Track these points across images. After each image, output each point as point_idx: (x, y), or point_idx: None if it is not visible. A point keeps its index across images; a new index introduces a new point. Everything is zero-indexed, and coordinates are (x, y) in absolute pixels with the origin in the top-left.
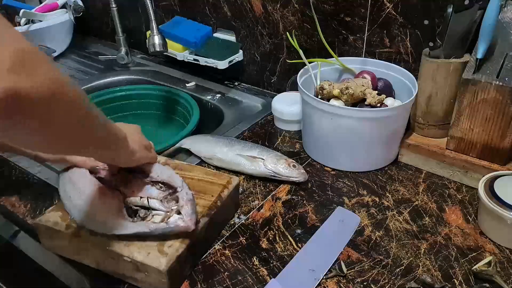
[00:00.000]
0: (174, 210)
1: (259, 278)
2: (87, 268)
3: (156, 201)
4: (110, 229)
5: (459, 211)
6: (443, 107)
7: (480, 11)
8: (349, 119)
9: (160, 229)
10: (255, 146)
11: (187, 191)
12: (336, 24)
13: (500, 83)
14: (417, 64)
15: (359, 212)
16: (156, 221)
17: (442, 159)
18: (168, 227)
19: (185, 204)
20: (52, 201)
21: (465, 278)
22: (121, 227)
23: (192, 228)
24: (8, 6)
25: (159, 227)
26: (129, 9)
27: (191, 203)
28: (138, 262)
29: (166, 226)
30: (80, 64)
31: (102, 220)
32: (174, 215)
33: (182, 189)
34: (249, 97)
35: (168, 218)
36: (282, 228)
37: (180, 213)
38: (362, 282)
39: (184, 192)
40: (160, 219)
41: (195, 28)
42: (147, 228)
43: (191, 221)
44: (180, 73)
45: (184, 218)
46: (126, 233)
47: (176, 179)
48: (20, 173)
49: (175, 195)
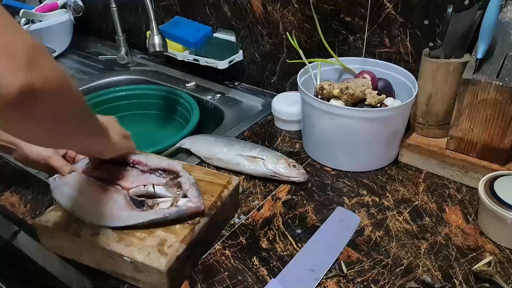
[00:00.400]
0: (180, 194)
1: (259, 278)
2: (87, 268)
3: (161, 187)
4: (125, 221)
5: (459, 211)
6: (443, 107)
7: (480, 11)
8: (349, 119)
9: (173, 213)
10: (255, 146)
11: (189, 176)
12: (336, 24)
13: (500, 83)
14: (417, 64)
15: (359, 212)
16: (165, 207)
17: (442, 159)
18: (181, 210)
19: (189, 188)
20: (52, 201)
21: (465, 278)
22: (135, 217)
23: (202, 208)
24: (8, 6)
25: (172, 211)
26: (129, 9)
27: (195, 186)
28: (138, 262)
29: (178, 209)
30: (80, 64)
31: (114, 215)
32: (181, 199)
33: (183, 174)
34: (249, 97)
35: (177, 202)
36: (282, 228)
37: (186, 196)
38: (362, 282)
39: (186, 177)
40: (168, 205)
41: (195, 28)
42: (161, 214)
43: (199, 201)
44: (180, 73)
45: (193, 200)
46: (141, 221)
47: (176, 165)
48: (20, 173)
49: (177, 181)
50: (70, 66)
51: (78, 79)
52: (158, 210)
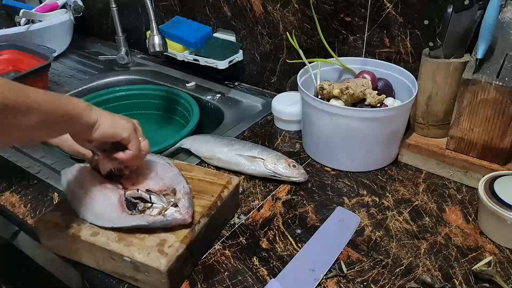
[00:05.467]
0: (171, 202)
1: (259, 278)
2: (87, 268)
3: (154, 196)
4: (108, 222)
5: (459, 211)
6: (443, 107)
7: (480, 11)
8: (349, 119)
9: (158, 222)
10: (255, 146)
11: (184, 185)
12: (336, 24)
13: (500, 83)
14: (417, 64)
15: (359, 212)
16: (154, 213)
17: (442, 159)
18: (166, 220)
19: (182, 197)
20: (52, 201)
21: (465, 278)
22: (120, 220)
23: (188, 221)
24: (8, 6)
25: (157, 220)
26: (129, 9)
27: (188, 196)
28: (138, 262)
29: (164, 219)
30: (80, 64)
31: (100, 213)
32: (171, 208)
33: (181, 182)
34: (249, 97)
35: (165, 210)
36: (282, 228)
37: (177, 205)
38: (362, 282)
39: (182, 185)
40: (157, 212)
41: (195, 28)
42: (145, 221)
43: (187, 213)
44: (180, 73)
45: (181, 210)
46: (124, 226)
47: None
48: (20, 173)
49: (173, 188)
50: (70, 66)
51: (78, 79)
52: (144, 216)
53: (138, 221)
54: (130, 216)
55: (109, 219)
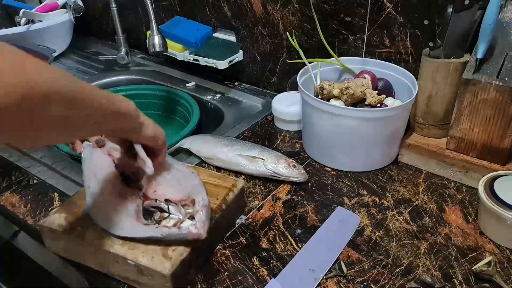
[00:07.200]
0: (188, 214)
1: (259, 278)
2: (87, 269)
3: (172, 206)
4: (121, 230)
5: (459, 211)
6: (443, 107)
7: (480, 11)
8: (349, 119)
9: (172, 235)
10: (255, 146)
11: (204, 196)
12: (336, 24)
13: (500, 83)
14: (417, 64)
15: (359, 212)
16: (169, 225)
17: (442, 159)
18: (180, 233)
19: (200, 209)
20: (52, 201)
21: (465, 278)
22: (134, 230)
23: (204, 237)
24: (8, 6)
25: (172, 233)
26: (129, 9)
27: (206, 209)
28: (142, 265)
29: (178, 232)
30: (80, 64)
31: (116, 221)
32: (187, 221)
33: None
34: (249, 97)
35: (181, 222)
36: (282, 228)
37: (194, 218)
38: (362, 282)
39: (201, 197)
40: (172, 223)
41: (195, 28)
42: (159, 233)
43: (203, 228)
44: (180, 73)
45: (197, 224)
46: (138, 236)
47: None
48: (20, 173)
49: (192, 198)
50: (70, 66)
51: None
52: (158, 228)
53: (152, 232)
54: (144, 227)
55: (122, 227)
